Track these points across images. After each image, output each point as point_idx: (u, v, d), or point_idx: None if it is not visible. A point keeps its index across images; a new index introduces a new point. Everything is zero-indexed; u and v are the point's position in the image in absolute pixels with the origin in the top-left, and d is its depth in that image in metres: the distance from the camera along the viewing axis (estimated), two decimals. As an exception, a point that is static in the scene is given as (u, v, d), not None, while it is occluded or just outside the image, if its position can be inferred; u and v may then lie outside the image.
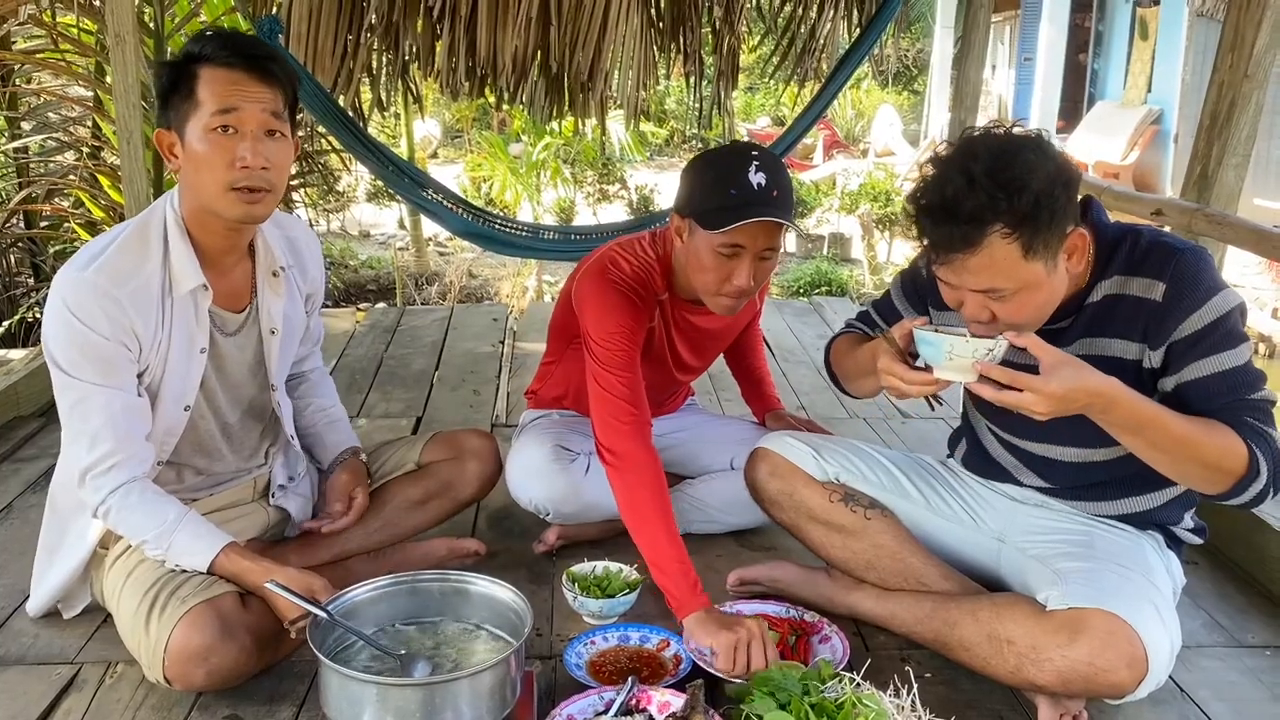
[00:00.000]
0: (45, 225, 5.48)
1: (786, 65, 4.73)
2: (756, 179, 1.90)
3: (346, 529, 2.03)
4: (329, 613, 1.67)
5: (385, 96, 4.66)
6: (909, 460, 2.07)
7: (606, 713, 1.59)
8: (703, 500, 2.32)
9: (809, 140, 13.93)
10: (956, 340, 1.53)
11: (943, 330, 1.60)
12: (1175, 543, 1.85)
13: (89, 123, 5.32)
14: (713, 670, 1.74)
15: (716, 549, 2.32)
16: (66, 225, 5.33)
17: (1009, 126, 1.58)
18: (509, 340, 4.22)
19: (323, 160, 6.16)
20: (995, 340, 1.53)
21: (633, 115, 4.62)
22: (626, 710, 1.60)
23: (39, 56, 5.27)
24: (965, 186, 1.49)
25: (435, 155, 14.63)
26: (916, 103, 17.29)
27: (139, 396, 1.77)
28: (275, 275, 1.92)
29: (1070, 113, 13.13)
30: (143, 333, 1.74)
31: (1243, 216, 2.59)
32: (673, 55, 4.68)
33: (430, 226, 8.79)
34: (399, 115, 8.71)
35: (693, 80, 4.76)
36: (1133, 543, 1.78)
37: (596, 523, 2.28)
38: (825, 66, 4.67)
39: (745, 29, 5.04)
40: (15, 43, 5.37)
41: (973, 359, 1.52)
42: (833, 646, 1.84)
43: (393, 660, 1.67)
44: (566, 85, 4.46)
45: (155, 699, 1.76)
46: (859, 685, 1.59)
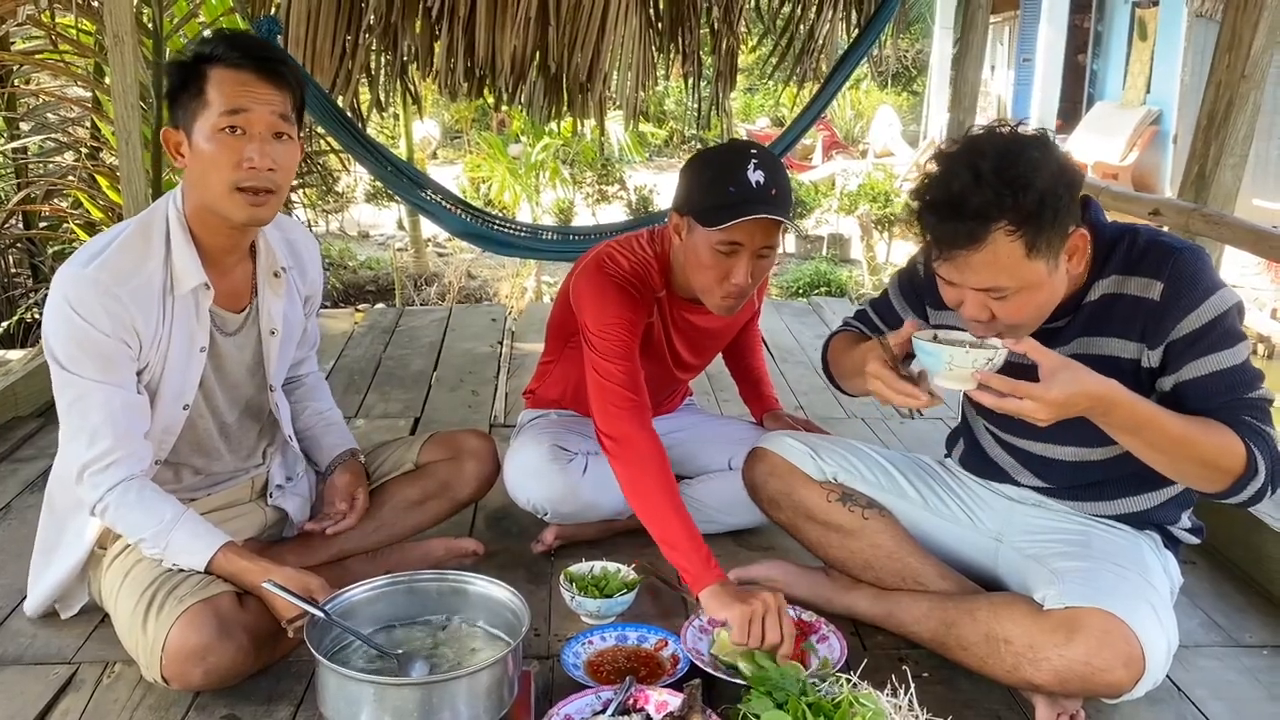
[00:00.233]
0: (44, 226, 5.48)
1: (785, 66, 4.73)
2: (755, 177, 1.90)
3: (349, 529, 2.04)
4: (326, 612, 1.67)
5: (384, 97, 4.65)
6: (907, 460, 2.07)
7: (604, 712, 1.59)
8: (701, 500, 2.31)
9: (808, 141, 13.94)
10: (956, 351, 1.53)
11: (942, 338, 1.60)
12: (1173, 542, 1.85)
13: (87, 123, 5.32)
14: (710, 671, 1.74)
15: (714, 549, 2.27)
16: (65, 226, 5.33)
17: (1014, 125, 1.59)
18: (507, 341, 4.22)
19: (322, 161, 6.16)
20: (994, 350, 1.53)
21: (631, 116, 4.62)
22: (624, 710, 1.60)
23: (38, 57, 5.26)
24: (972, 183, 1.49)
25: (434, 156, 14.62)
26: (915, 103, 17.31)
27: (138, 394, 1.77)
28: (276, 276, 1.92)
29: (1069, 113, 13.14)
30: (143, 330, 1.74)
31: (1240, 217, 2.60)
32: (671, 56, 4.68)
33: (429, 227, 8.79)
34: (398, 116, 8.72)
35: (691, 81, 4.76)
36: (1130, 542, 1.78)
37: (594, 523, 2.29)
38: (824, 67, 4.68)
39: (744, 29, 5.04)
40: (14, 43, 5.37)
41: (972, 368, 1.52)
42: (830, 646, 1.84)
43: (390, 660, 1.67)
44: (565, 86, 4.46)
45: (153, 699, 1.76)
46: (856, 685, 1.59)
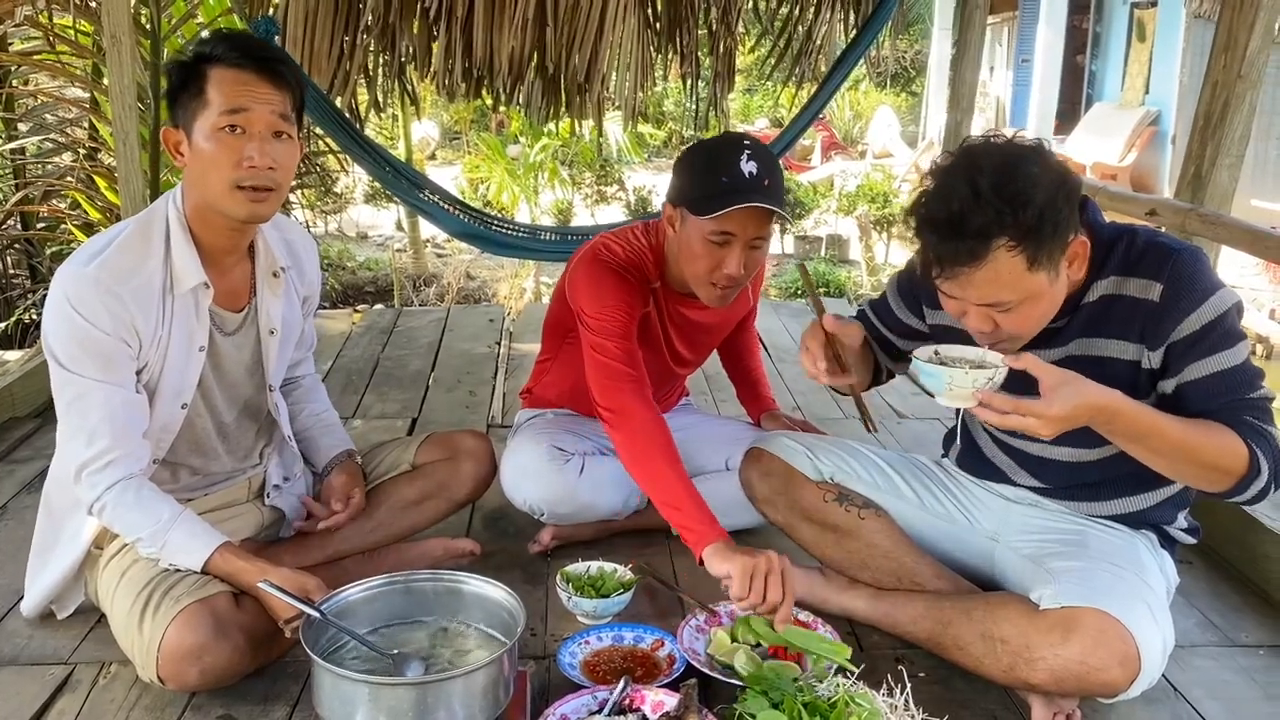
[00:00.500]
0: (42, 226, 5.48)
1: (783, 66, 4.74)
2: (748, 167, 1.92)
3: (342, 526, 2.03)
4: (322, 612, 1.67)
5: (382, 98, 4.66)
6: (903, 460, 2.07)
7: (600, 712, 1.60)
8: (698, 500, 2.31)
9: (807, 141, 13.94)
10: (956, 372, 1.54)
11: (944, 355, 1.61)
12: (1169, 542, 1.85)
13: (85, 124, 5.31)
14: (706, 671, 1.74)
15: (711, 549, 2.31)
16: (63, 226, 5.33)
17: (1010, 136, 1.58)
18: (505, 341, 4.21)
19: (320, 162, 6.16)
20: (994, 369, 1.54)
21: (630, 117, 4.63)
22: (620, 710, 1.60)
23: (36, 58, 5.26)
24: (971, 200, 1.49)
25: (433, 157, 14.62)
26: (914, 104, 17.31)
27: (137, 393, 1.77)
28: (275, 276, 1.92)
29: (1068, 114, 13.16)
30: (143, 329, 1.74)
31: (1237, 217, 2.60)
32: (669, 56, 4.68)
33: (428, 228, 8.79)
34: (396, 117, 8.72)
35: (690, 81, 4.77)
36: (1126, 542, 1.78)
37: (591, 523, 2.28)
38: (823, 67, 4.68)
39: (742, 30, 5.05)
40: (12, 44, 5.37)
41: (973, 388, 1.53)
42: (827, 646, 1.84)
43: (386, 660, 1.67)
44: (563, 86, 4.46)
45: (149, 699, 1.75)
46: (853, 685, 1.59)
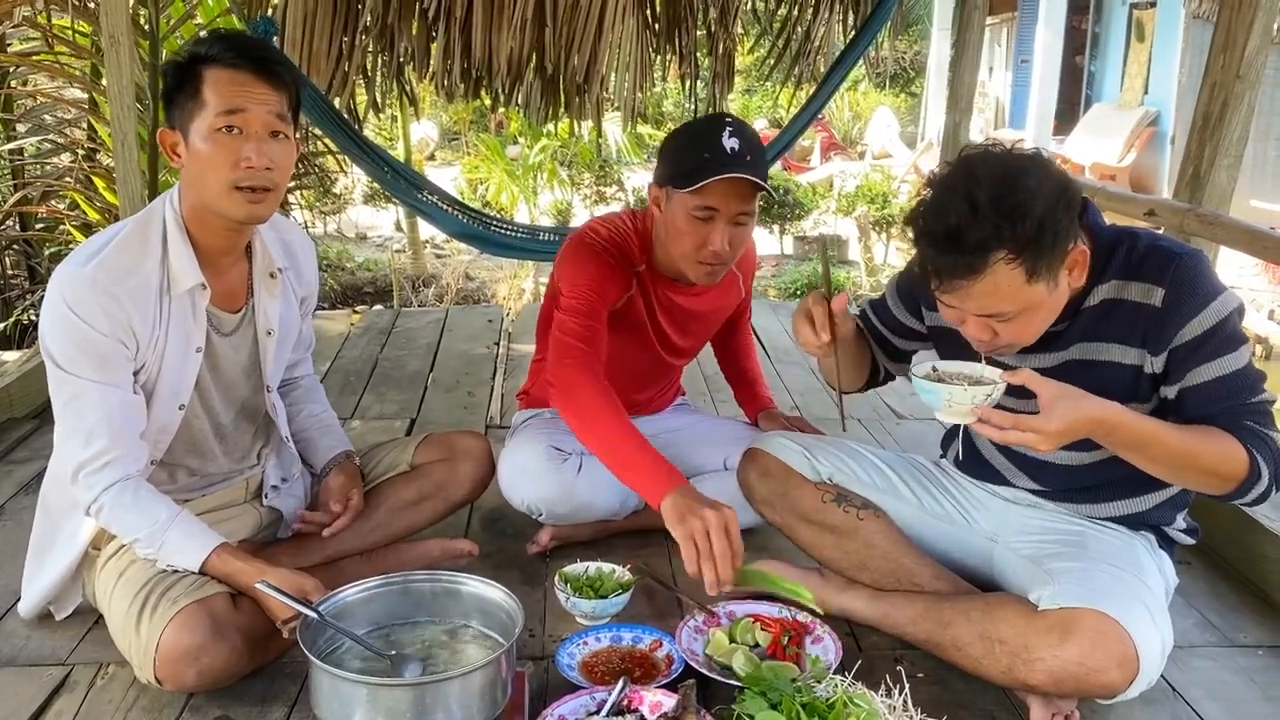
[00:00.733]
0: (40, 227, 5.47)
1: (782, 67, 4.74)
2: (730, 143, 1.95)
3: (343, 530, 2.03)
4: (320, 613, 1.67)
5: (380, 98, 4.66)
6: (902, 461, 2.07)
7: (598, 713, 1.59)
8: (697, 500, 2.31)
9: (806, 142, 13.95)
10: (955, 389, 1.55)
11: (941, 371, 1.63)
12: (1168, 543, 1.85)
13: (84, 125, 5.31)
14: (704, 671, 1.73)
15: (710, 550, 2.31)
16: (62, 227, 5.33)
17: (1010, 145, 1.58)
18: (504, 342, 4.21)
19: (319, 162, 6.16)
20: (993, 385, 1.55)
21: (629, 117, 4.64)
22: (618, 710, 1.60)
23: (34, 59, 5.26)
24: (969, 214, 1.48)
25: (433, 157, 14.61)
26: (914, 105, 17.32)
27: (135, 394, 1.77)
28: (272, 277, 1.92)
29: (1067, 114, 13.17)
30: (140, 330, 1.74)
31: (1236, 217, 2.60)
32: (669, 57, 4.68)
33: (427, 229, 8.78)
34: (395, 117, 8.71)
35: (689, 82, 4.77)
36: (1125, 543, 1.78)
37: (589, 524, 2.28)
38: (822, 68, 4.69)
39: (741, 31, 5.05)
40: (10, 45, 5.37)
41: (971, 404, 1.54)
42: (825, 647, 1.83)
43: (384, 661, 1.67)
44: (562, 87, 4.46)
45: (146, 700, 1.75)
46: (851, 685, 1.59)
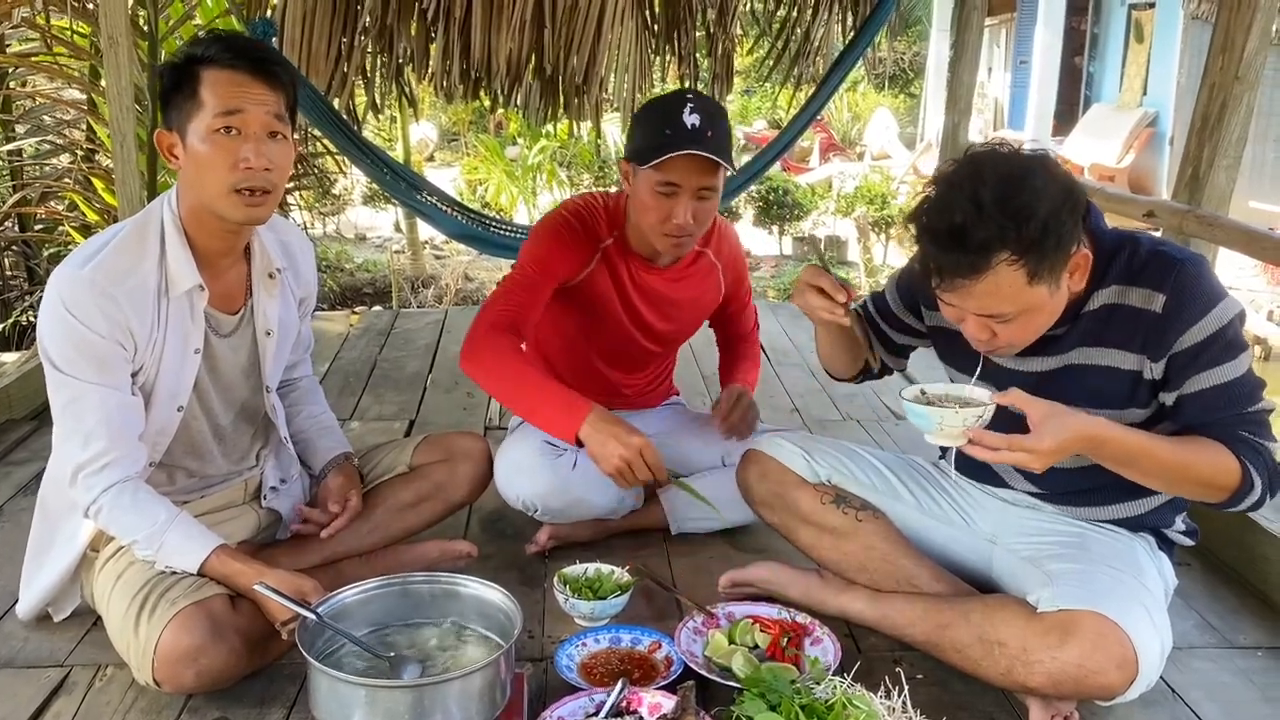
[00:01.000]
0: (39, 228, 5.48)
1: (781, 68, 4.74)
2: (691, 120, 1.99)
3: (341, 531, 2.03)
4: (319, 615, 1.67)
5: (380, 99, 4.66)
6: (901, 462, 2.07)
7: (597, 714, 1.59)
8: (697, 497, 2.32)
9: (805, 143, 13.94)
10: (946, 412, 1.56)
11: (930, 395, 1.63)
12: (1167, 544, 1.85)
13: (83, 126, 5.32)
14: (703, 673, 1.73)
15: (709, 551, 2.31)
16: (61, 228, 5.33)
17: (1017, 146, 1.57)
18: (503, 343, 4.21)
19: (318, 163, 6.16)
20: (983, 406, 1.56)
21: (629, 118, 4.62)
22: (617, 712, 1.60)
23: (33, 59, 5.26)
24: (974, 214, 1.48)
25: (432, 158, 14.61)
26: (913, 106, 17.32)
27: (133, 396, 1.77)
28: (271, 277, 1.92)
29: (1066, 115, 13.18)
30: (138, 331, 1.74)
31: (1235, 218, 2.60)
32: (668, 58, 4.69)
33: (426, 230, 8.78)
34: (394, 118, 8.71)
35: (688, 83, 4.77)
36: (1124, 545, 1.78)
37: (588, 524, 2.28)
38: (821, 69, 4.69)
39: (740, 32, 5.05)
40: (9, 45, 5.37)
41: (963, 427, 1.55)
42: (824, 648, 1.83)
43: (382, 662, 1.67)
44: (561, 88, 4.47)
45: (145, 702, 1.75)
46: (850, 687, 1.59)
